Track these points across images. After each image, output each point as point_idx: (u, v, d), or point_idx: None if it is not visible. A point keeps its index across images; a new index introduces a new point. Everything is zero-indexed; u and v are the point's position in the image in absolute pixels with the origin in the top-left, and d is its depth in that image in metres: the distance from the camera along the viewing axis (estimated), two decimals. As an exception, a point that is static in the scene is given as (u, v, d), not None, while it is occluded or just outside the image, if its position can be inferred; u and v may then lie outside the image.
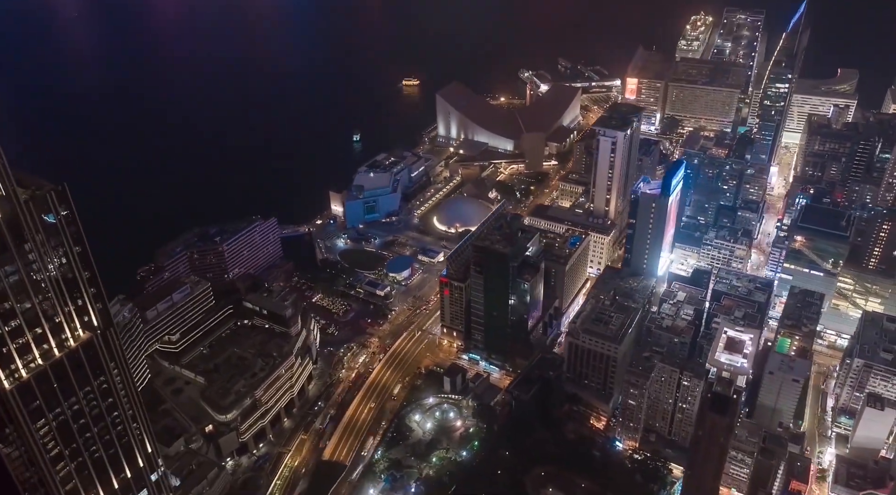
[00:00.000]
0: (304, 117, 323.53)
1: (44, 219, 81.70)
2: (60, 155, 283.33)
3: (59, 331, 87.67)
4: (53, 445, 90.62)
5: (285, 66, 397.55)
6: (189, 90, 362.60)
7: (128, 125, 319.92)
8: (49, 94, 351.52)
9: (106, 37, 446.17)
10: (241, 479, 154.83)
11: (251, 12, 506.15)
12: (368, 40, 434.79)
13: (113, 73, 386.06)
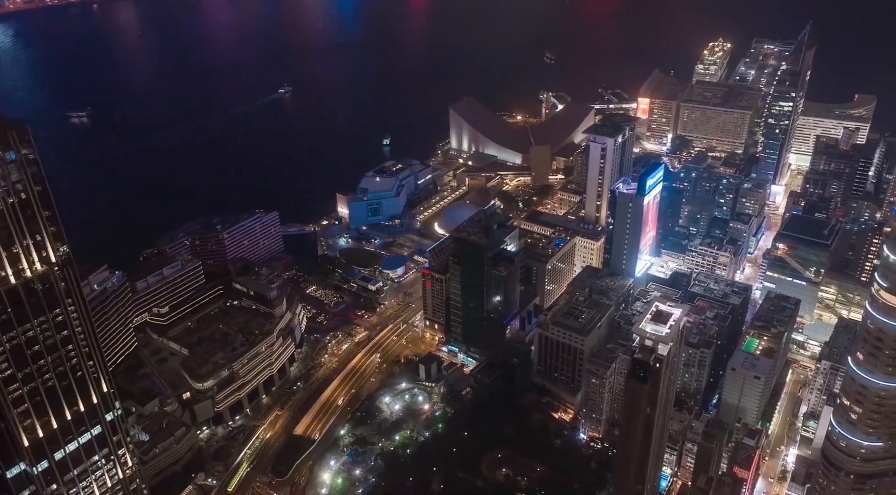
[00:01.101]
0: (339, 124, 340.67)
1: (6, 155, 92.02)
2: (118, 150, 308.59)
3: (15, 260, 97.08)
4: (6, 367, 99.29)
5: (325, 75, 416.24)
6: (236, 97, 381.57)
7: (172, 126, 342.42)
8: (114, 102, 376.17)
9: (163, 49, 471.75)
10: (215, 447, 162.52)
11: (299, 26, 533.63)
12: (411, 57, 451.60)
13: (166, 81, 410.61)
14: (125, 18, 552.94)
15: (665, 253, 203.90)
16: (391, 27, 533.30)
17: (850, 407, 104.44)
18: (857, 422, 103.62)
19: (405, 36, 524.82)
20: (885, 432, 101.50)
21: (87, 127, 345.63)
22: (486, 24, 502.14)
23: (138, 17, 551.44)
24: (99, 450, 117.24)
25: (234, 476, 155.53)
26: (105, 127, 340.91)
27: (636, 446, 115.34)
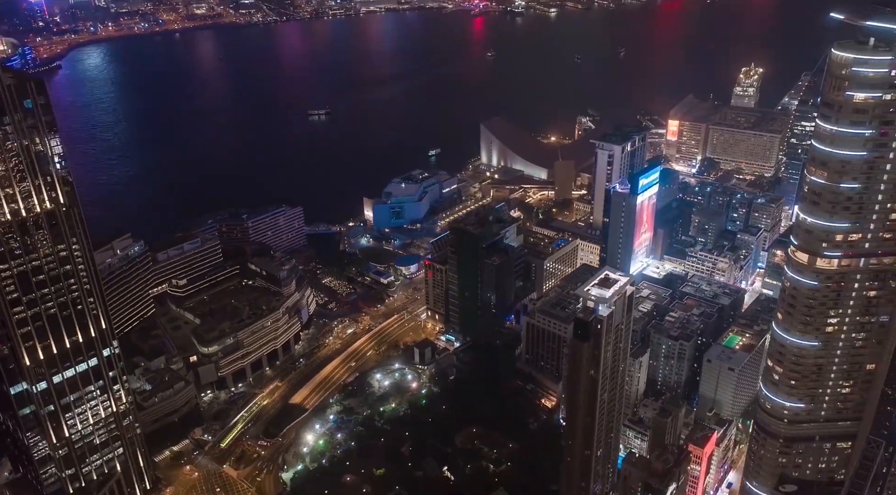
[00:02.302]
0: (394, 134, 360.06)
1: (23, 103, 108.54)
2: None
3: (27, 196, 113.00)
4: (13, 290, 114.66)
5: (384, 89, 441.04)
6: (300, 107, 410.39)
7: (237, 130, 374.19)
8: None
9: (241, 70, 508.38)
10: (216, 410, 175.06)
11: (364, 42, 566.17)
12: (467, 80, 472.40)
13: (242, 96, 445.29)
14: (205, 45, 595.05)
15: (667, 258, 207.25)
16: (450, 47, 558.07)
17: (773, 368, 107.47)
18: (779, 383, 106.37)
19: (464, 56, 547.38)
20: (805, 393, 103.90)
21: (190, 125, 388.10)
22: (539, 53, 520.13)
23: (217, 44, 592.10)
24: (94, 381, 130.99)
25: (229, 434, 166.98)
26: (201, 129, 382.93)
27: (583, 409, 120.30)
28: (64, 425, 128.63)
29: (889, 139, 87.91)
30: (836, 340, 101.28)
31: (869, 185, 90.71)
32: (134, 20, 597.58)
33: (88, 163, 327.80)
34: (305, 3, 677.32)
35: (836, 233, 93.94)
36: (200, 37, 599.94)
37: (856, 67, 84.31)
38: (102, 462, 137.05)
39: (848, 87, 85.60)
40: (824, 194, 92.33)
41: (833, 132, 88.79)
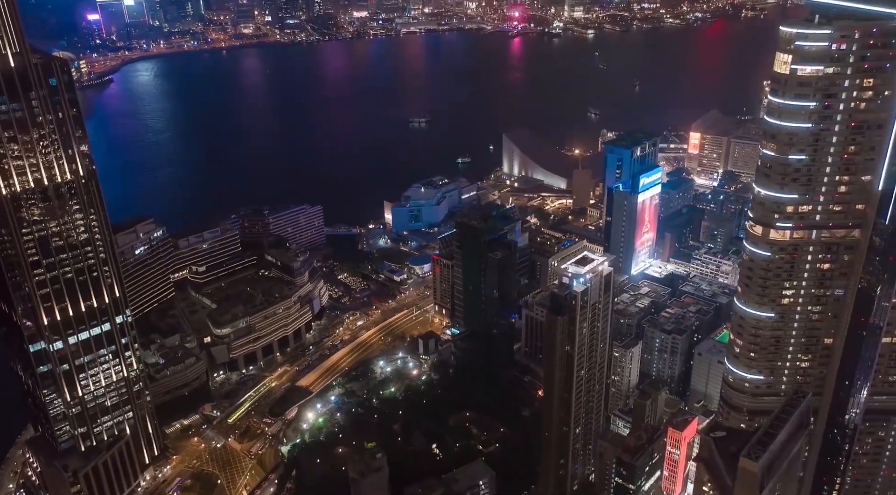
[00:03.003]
0: (427, 142, 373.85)
1: (48, 81, 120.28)
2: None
3: (50, 166, 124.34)
4: (33, 252, 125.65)
5: (425, 102, 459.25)
6: (339, 119, 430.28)
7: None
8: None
9: (288, 84, 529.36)
10: (226, 389, 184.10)
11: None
12: (503, 96, 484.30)
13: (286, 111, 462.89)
14: (250, 61, 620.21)
15: (673, 261, 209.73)
16: (489, 63, 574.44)
17: (734, 341, 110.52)
18: (740, 356, 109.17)
19: (502, 72, 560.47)
20: (765, 365, 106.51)
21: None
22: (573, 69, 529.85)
23: (262, 60, 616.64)
24: (107, 346, 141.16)
25: (237, 411, 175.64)
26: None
27: (559, 384, 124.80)
28: (77, 385, 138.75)
29: (833, 112, 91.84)
30: (792, 312, 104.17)
31: (816, 158, 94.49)
32: (184, 38, 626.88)
33: (134, 165, 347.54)
34: (348, 24, 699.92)
35: (786, 204, 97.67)
36: (246, 54, 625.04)
37: (798, 42, 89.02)
38: (113, 424, 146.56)
39: (792, 61, 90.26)
40: (774, 166, 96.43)
41: (781, 105, 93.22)
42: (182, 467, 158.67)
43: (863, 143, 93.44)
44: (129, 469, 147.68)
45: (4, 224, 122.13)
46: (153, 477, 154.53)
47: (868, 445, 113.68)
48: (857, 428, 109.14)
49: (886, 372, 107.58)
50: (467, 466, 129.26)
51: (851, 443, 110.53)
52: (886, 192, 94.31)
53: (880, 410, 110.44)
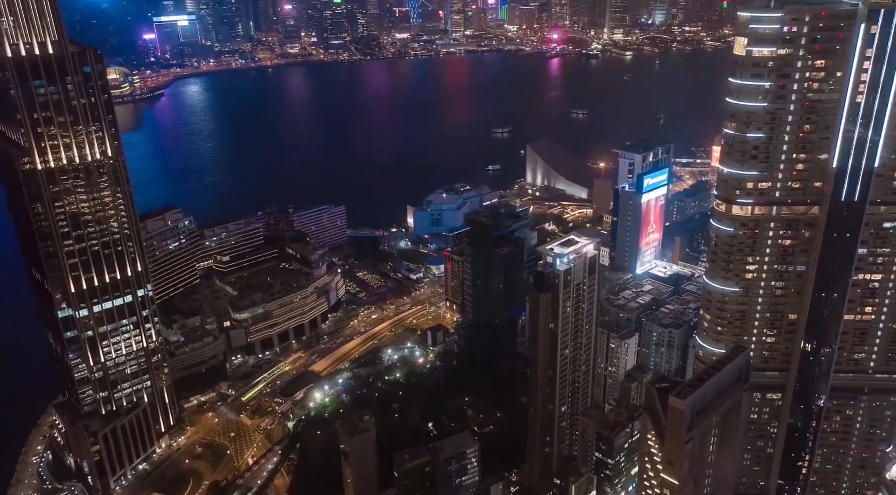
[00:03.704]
0: (464, 151, 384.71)
1: (82, 68, 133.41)
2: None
3: (81, 146, 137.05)
4: (64, 224, 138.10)
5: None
6: (377, 130, 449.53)
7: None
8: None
9: (331, 100, 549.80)
10: (243, 371, 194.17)
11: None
12: (536, 110, 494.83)
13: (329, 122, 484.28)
14: (295, 78, 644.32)
15: (682, 264, 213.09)
16: (525, 81, 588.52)
17: (703, 316, 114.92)
18: (708, 330, 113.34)
19: (537, 89, 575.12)
20: (731, 339, 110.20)
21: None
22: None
23: (306, 77, 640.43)
24: (128, 316, 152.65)
25: (250, 391, 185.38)
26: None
27: (543, 362, 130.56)
28: (100, 351, 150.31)
29: (787, 91, 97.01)
30: (756, 287, 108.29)
31: (773, 136, 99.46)
32: (233, 57, 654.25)
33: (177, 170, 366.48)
34: (389, 45, 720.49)
35: (747, 180, 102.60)
36: (291, 71, 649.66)
37: (752, 25, 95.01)
38: (132, 391, 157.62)
39: (748, 43, 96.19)
40: (734, 144, 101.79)
41: (738, 85, 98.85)
42: (196, 438, 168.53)
43: (817, 122, 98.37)
44: (145, 435, 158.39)
45: (39, 197, 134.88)
46: (168, 445, 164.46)
47: (836, 423, 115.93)
48: (824, 405, 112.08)
49: (851, 349, 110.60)
50: (454, 436, 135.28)
51: (819, 420, 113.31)
52: (841, 170, 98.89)
53: (847, 388, 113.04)
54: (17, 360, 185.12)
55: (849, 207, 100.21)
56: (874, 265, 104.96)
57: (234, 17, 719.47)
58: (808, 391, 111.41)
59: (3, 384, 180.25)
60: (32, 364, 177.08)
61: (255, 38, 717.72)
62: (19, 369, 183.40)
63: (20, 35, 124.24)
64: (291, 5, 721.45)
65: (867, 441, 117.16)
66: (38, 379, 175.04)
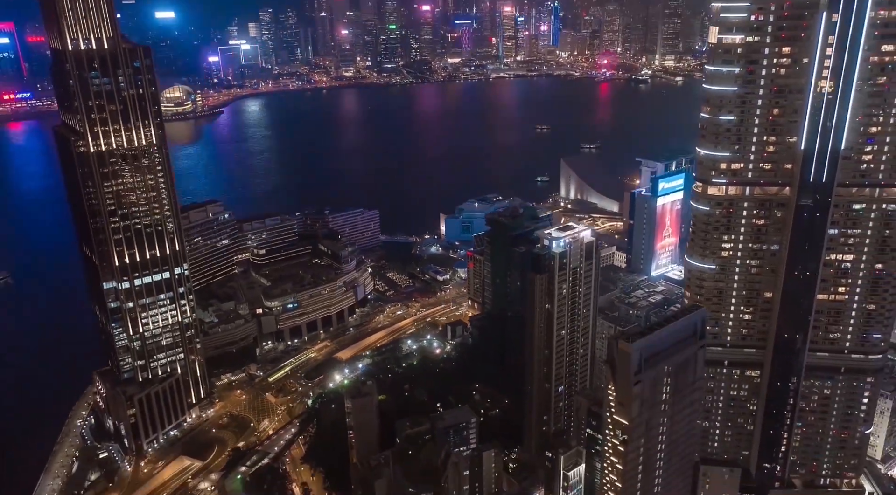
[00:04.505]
0: (514, 165, 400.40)
1: (133, 63, 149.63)
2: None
3: (129, 133, 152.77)
4: (111, 203, 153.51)
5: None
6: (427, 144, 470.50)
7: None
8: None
9: (381, 115, 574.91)
10: (272, 356, 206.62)
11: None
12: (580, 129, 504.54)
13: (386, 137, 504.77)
14: (349, 99, 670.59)
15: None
16: (574, 103, 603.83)
17: (685, 294, 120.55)
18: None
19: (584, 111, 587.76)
20: (710, 316, 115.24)
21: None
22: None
23: (358, 98, 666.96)
24: (165, 292, 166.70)
25: (277, 373, 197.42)
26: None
27: (540, 342, 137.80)
28: (139, 322, 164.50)
29: (756, 76, 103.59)
30: (731, 265, 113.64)
31: (744, 118, 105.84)
32: (290, 79, 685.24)
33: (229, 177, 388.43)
34: (441, 69, 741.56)
35: (720, 161, 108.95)
36: (344, 93, 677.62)
37: (723, 14, 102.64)
38: (167, 361, 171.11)
39: (719, 31, 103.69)
40: (709, 127, 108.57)
41: (711, 71, 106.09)
42: (223, 411, 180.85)
43: (785, 106, 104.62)
44: (177, 404, 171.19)
45: (91, 178, 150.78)
46: (198, 415, 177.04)
47: (814, 402, 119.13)
48: (800, 383, 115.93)
49: (826, 329, 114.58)
50: (453, 409, 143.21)
51: (796, 399, 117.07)
52: (808, 152, 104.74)
53: (823, 367, 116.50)
54: (71, 333, 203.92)
55: (817, 188, 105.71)
56: (845, 246, 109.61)
57: (293, 42, 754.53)
58: (785, 369, 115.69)
59: (58, 354, 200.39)
60: (85, 336, 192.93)
61: (312, 61, 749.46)
62: (73, 340, 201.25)
63: (79, 30, 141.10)
64: (348, 31, 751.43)
65: (846, 422, 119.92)
66: (87, 350, 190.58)
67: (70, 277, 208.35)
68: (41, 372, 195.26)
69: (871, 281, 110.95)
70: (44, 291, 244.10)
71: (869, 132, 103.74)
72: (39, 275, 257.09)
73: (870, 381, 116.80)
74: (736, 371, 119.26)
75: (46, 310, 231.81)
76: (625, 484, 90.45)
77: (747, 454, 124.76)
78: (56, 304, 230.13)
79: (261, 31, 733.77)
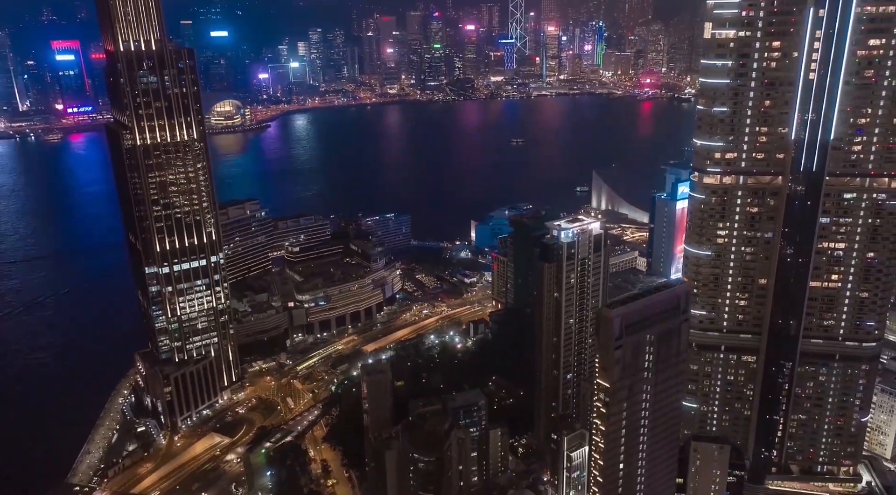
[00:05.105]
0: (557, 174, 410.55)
1: (178, 64, 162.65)
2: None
3: (172, 128, 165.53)
4: (154, 192, 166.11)
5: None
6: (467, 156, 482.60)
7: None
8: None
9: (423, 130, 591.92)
10: (301, 347, 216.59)
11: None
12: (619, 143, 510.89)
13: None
14: (392, 115, 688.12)
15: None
16: (616, 121, 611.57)
17: (683, 281, 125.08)
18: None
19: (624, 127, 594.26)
20: (707, 301, 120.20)
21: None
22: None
23: (401, 113, 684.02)
24: (202, 278, 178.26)
25: (306, 362, 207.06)
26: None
27: (548, 329, 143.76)
28: (177, 305, 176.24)
29: (747, 70, 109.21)
30: (727, 252, 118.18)
31: (736, 110, 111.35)
32: (336, 96, 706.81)
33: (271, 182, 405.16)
34: (483, 87, 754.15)
35: (714, 151, 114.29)
36: (388, 109, 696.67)
37: (716, 10, 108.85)
38: (202, 344, 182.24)
39: (712, 27, 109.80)
40: (704, 118, 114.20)
41: (706, 65, 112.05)
42: (253, 395, 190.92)
43: (776, 98, 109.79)
44: (210, 386, 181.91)
45: (137, 169, 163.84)
46: (229, 398, 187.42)
47: (809, 389, 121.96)
48: (794, 369, 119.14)
49: (820, 316, 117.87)
50: (464, 392, 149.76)
51: (791, 384, 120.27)
52: (799, 142, 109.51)
53: (817, 354, 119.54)
54: (120, 321, 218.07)
55: (808, 178, 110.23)
56: (837, 234, 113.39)
57: (340, 60, 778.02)
58: (780, 355, 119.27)
59: (106, 337, 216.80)
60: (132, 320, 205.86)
61: (358, 79, 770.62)
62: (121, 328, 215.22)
63: (130, 33, 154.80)
64: (393, 50, 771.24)
65: (841, 409, 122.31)
66: (132, 334, 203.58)
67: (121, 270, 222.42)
68: (92, 355, 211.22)
69: (863, 269, 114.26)
70: (100, 285, 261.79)
71: (858, 123, 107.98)
72: (97, 268, 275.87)
73: (864, 369, 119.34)
74: (733, 356, 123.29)
75: (101, 300, 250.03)
76: (608, 444, 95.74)
77: (746, 440, 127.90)
78: (110, 295, 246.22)
79: (309, 50, 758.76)
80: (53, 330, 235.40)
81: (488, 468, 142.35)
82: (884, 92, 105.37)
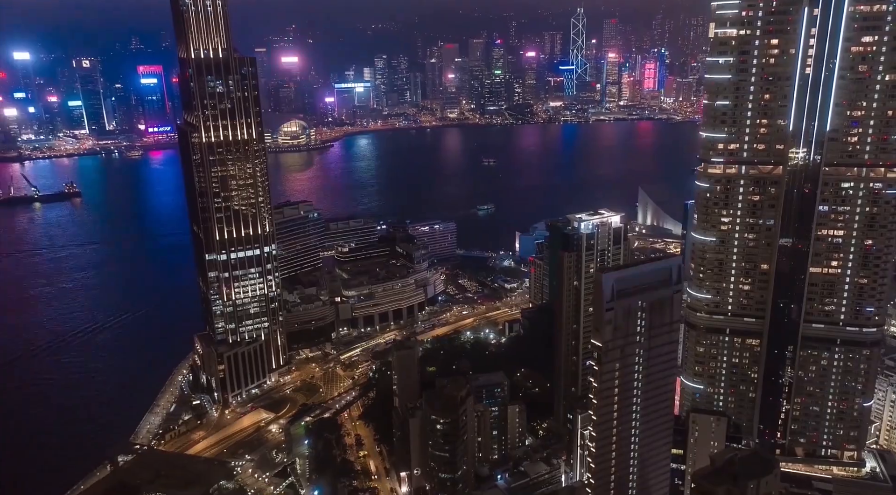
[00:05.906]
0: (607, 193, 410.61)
1: (241, 70, 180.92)
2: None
3: (234, 128, 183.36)
4: (216, 185, 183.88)
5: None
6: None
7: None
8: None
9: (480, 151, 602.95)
10: (346, 340, 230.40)
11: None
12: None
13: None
14: (452, 137, 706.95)
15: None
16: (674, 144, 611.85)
17: (690, 266, 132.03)
18: (693, 278, 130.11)
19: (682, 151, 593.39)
20: (712, 286, 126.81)
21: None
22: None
23: (460, 137, 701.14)
24: (256, 266, 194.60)
25: (349, 352, 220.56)
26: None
27: (567, 316, 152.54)
28: (232, 290, 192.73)
29: (748, 65, 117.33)
30: (730, 238, 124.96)
31: (738, 103, 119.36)
32: (398, 119, 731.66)
33: (337, 197, 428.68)
34: (542, 112, 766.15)
35: (717, 142, 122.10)
36: (447, 132, 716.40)
37: (718, 10, 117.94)
38: (253, 328, 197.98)
39: (715, 26, 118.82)
40: (708, 112, 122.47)
41: (709, 62, 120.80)
42: (298, 378, 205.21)
43: (775, 92, 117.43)
44: (260, 366, 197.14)
45: (201, 164, 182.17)
46: (276, 380, 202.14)
47: (812, 373, 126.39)
48: (796, 353, 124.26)
49: (821, 301, 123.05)
50: (488, 373, 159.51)
51: (794, 367, 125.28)
52: (796, 134, 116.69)
53: (819, 338, 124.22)
54: (186, 303, 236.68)
55: (807, 167, 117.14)
56: (836, 222, 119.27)
57: (404, 86, 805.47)
58: (782, 338, 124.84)
59: (172, 320, 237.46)
60: (195, 313, 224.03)
61: (420, 103, 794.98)
62: (188, 309, 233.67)
63: (201, 42, 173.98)
64: (455, 75, 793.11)
65: (844, 394, 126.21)
66: (195, 318, 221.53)
67: (186, 264, 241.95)
68: (159, 337, 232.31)
69: (862, 256, 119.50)
70: (169, 279, 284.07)
71: (853, 116, 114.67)
72: (168, 264, 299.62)
73: (866, 354, 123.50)
74: (737, 339, 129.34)
75: (168, 286, 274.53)
76: (599, 401, 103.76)
77: (751, 422, 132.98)
78: (178, 285, 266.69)
79: (374, 75, 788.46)
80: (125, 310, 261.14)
81: (506, 443, 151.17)
82: (877, 86, 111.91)
